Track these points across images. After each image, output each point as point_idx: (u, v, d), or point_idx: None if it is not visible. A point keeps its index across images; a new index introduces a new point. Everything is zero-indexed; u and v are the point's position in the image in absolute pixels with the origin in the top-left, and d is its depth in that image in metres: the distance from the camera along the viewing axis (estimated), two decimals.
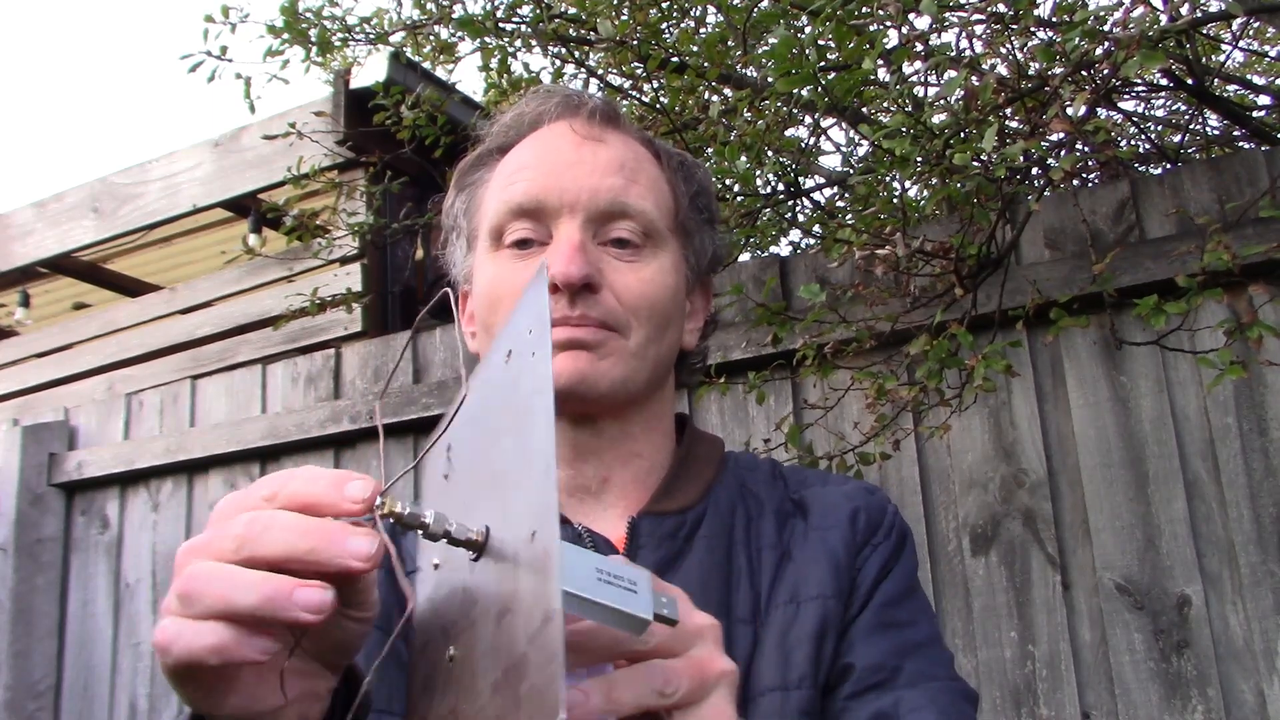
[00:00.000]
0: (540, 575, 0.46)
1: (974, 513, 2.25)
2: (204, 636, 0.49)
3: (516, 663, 0.46)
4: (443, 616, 0.55)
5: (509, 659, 0.47)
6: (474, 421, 0.60)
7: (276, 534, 0.50)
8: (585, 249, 0.86)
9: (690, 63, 2.59)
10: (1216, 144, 3.39)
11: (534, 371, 0.54)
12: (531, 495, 0.49)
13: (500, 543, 0.52)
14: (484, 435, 0.58)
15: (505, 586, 0.49)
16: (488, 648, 0.49)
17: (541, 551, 0.46)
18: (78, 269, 5.63)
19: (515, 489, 0.52)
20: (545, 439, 0.49)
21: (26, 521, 3.46)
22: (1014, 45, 1.73)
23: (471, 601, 0.53)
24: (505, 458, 0.54)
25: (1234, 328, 1.77)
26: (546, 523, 0.47)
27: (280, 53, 3.01)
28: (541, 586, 0.46)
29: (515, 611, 0.48)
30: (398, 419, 2.91)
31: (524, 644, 0.46)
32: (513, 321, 0.60)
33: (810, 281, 2.44)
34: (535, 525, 0.48)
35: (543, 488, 0.48)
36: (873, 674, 0.83)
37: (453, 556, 0.56)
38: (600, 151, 0.90)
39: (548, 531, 0.46)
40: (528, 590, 0.47)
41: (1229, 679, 1.98)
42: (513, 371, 0.57)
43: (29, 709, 3.33)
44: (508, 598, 0.49)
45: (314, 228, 3.35)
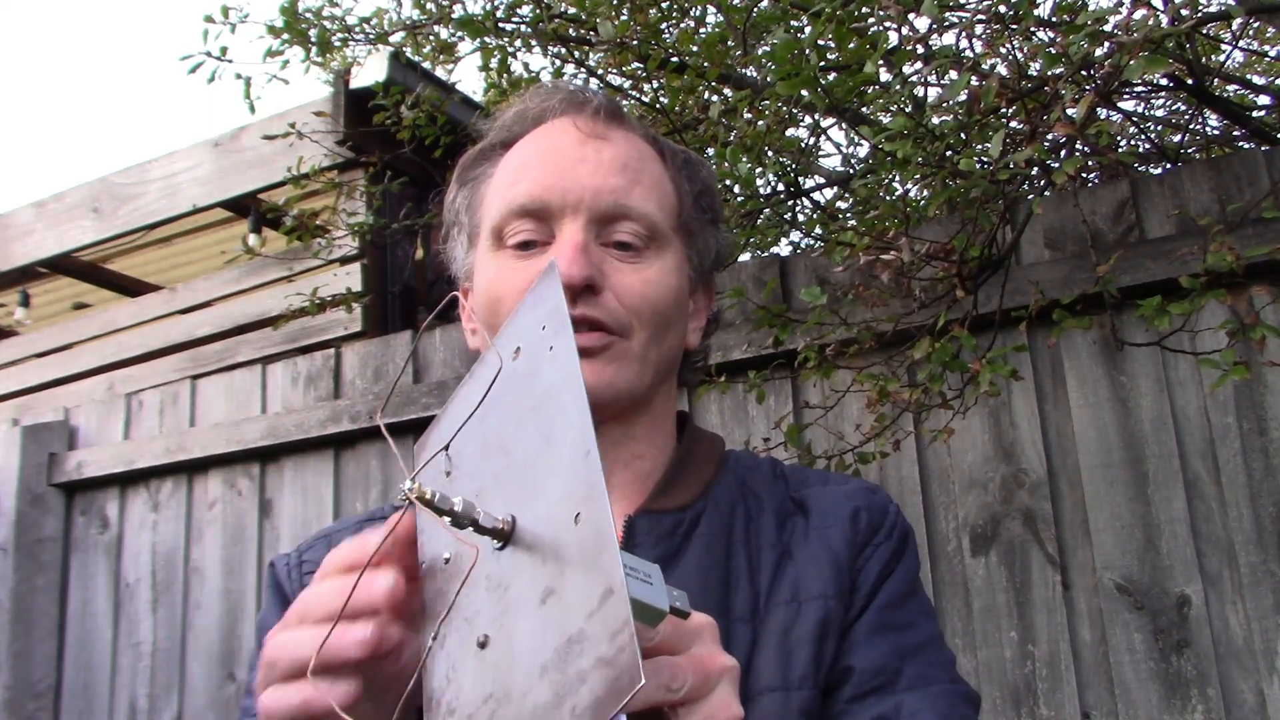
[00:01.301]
0: (594, 554, 0.47)
1: (974, 513, 2.25)
2: (290, 696, 0.57)
3: (574, 638, 0.47)
4: (462, 608, 0.56)
5: (562, 637, 0.48)
6: (475, 421, 0.61)
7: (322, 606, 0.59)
8: (587, 250, 0.86)
9: (690, 63, 2.59)
10: (1216, 144, 3.39)
11: (556, 364, 0.55)
12: (570, 480, 0.51)
13: (530, 530, 0.53)
14: (493, 430, 0.59)
15: (544, 570, 0.50)
16: (531, 630, 0.50)
17: (593, 531, 0.48)
18: (78, 269, 5.63)
19: (545, 477, 0.53)
20: (583, 426, 0.51)
21: (26, 521, 3.46)
22: (1014, 45, 1.73)
23: (500, 588, 0.53)
24: (525, 449, 0.55)
25: (1236, 329, 1.77)
26: (595, 504, 0.48)
27: (280, 53, 3.00)
28: (599, 564, 0.47)
29: (563, 592, 0.49)
30: (398, 419, 2.91)
31: (581, 620, 0.47)
32: (519, 318, 0.61)
33: (810, 282, 2.44)
34: (579, 508, 0.49)
35: (586, 471, 0.50)
36: (873, 677, 0.83)
37: (465, 550, 0.57)
38: (604, 150, 0.90)
39: (598, 511, 0.48)
40: (579, 570, 0.48)
41: (1229, 679, 1.98)
42: (525, 367, 0.58)
43: (29, 709, 3.33)
44: (551, 580, 0.50)
45: (314, 228, 3.35)
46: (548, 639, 0.49)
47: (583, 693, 0.45)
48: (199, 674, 3.15)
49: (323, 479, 3.09)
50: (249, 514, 3.20)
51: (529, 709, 0.48)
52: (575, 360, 0.54)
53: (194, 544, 3.28)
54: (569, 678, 0.47)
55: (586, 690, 0.45)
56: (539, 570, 0.51)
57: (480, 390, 0.62)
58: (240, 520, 3.21)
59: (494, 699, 0.51)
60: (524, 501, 0.54)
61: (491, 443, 0.60)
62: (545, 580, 0.50)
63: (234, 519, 3.23)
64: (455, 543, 0.57)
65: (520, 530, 0.54)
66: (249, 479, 3.23)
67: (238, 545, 3.20)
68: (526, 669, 0.49)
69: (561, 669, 0.47)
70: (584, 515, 0.49)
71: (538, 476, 0.54)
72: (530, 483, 0.54)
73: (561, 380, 0.55)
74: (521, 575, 0.52)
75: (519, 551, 0.53)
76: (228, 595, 3.17)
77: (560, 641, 0.48)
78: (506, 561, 0.54)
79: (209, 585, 3.21)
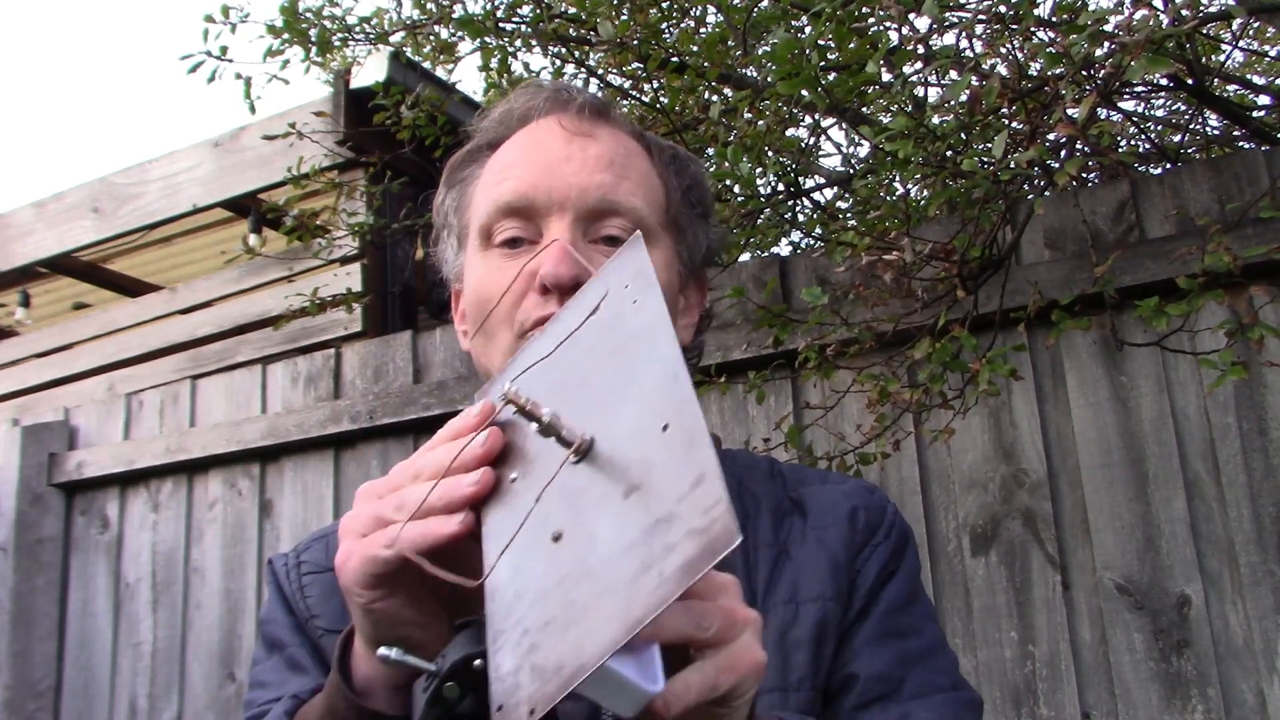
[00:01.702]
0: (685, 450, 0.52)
1: (974, 513, 2.25)
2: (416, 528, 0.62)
3: (662, 519, 0.51)
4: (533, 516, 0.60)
5: (649, 519, 0.52)
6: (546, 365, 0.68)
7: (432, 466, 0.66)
8: (575, 248, 0.85)
9: (690, 63, 2.59)
10: (1216, 144, 3.39)
11: (641, 313, 0.62)
12: (657, 399, 0.57)
13: (609, 446, 0.58)
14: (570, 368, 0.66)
15: (627, 474, 0.56)
16: (613, 521, 0.54)
17: (684, 434, 0.53)
18: (78, 269, 5.63)
19: (627, 402, 0.59)
20: (673, 357, 0.57)
21: (26, 521, 3.46)
22: (1015, 45, 1.73)
23: (577, 493, 0.58)
24: (606, 383, 0.62)
25: (1235, 329, 1.77)
26: (685, 413, 0.54)
27: (280, 53, 3.00)
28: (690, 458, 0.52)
29: (648, 485, 0.54)
30: (398, 419, 2.91)
31: (671, 505, 0.51)
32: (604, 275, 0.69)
33: (811, 282, 2.44)
34: (668, 419, 0.55)
35: (676, 390, 0.56)
36: (878, 685, 0.83)
37: (535, 469, 0.62)
38: (589, 147, 0.90)
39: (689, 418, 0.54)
40: (666, 466, 0.53)
41: (1229, 679, 1.98)
42: (607, 317, 0.66)
43: (29, 709, 3.33)
44: (635, 479, 0.55)
45: (314, 228, 3.35)
46: (631, 524, 0.53)
47: (671, 559, 0.49)
48: (199, 674, 3.15)
49: (323, 479, 3.09)
50: (249, 514, 3.20)
51: (611, 578, 0.52)
52: (663, 309, 0.61)
53: (194, 544, 3.28)
54: (655, 550, 0.51)
55: (676, 555, 0.49)
56: (621, 475, 0.56)
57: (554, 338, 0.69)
58: (240, 520, 3.22)
59: (571, 577, 0.54)
60: (604, 423, 0.59)
61: (569, 381, 0.65)
62: (627, 480, 0.55)
63: (234, 519, 3.23)
64: (524, 462, 0.63)
65: (599, 447, 0.58)
66: (249, 479, 3.23)
67: (238, 545, 3.20)
68: (608, 551, 0.53)
69: (648, 544, 0.51)
70: (673, 424, 0.54)
71: (619, 402, 0.60)
72: (611, 408, 0.60)
73: (648, 322, 0.61)
74: (600, 482, 0.57)
75: (595, 466, 0.58)
76: (228, 595, 3.17)
77: (647, 523, 0.52)
78: (582, 474, 0.58)
79: (209, 585, 3.21)
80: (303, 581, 0.94)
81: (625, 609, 0.50)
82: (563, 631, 0.52)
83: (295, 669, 0.90)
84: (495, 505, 0.63)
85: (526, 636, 0.54)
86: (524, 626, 0.55)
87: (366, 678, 0.70)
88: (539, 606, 0.55)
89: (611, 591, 0.51)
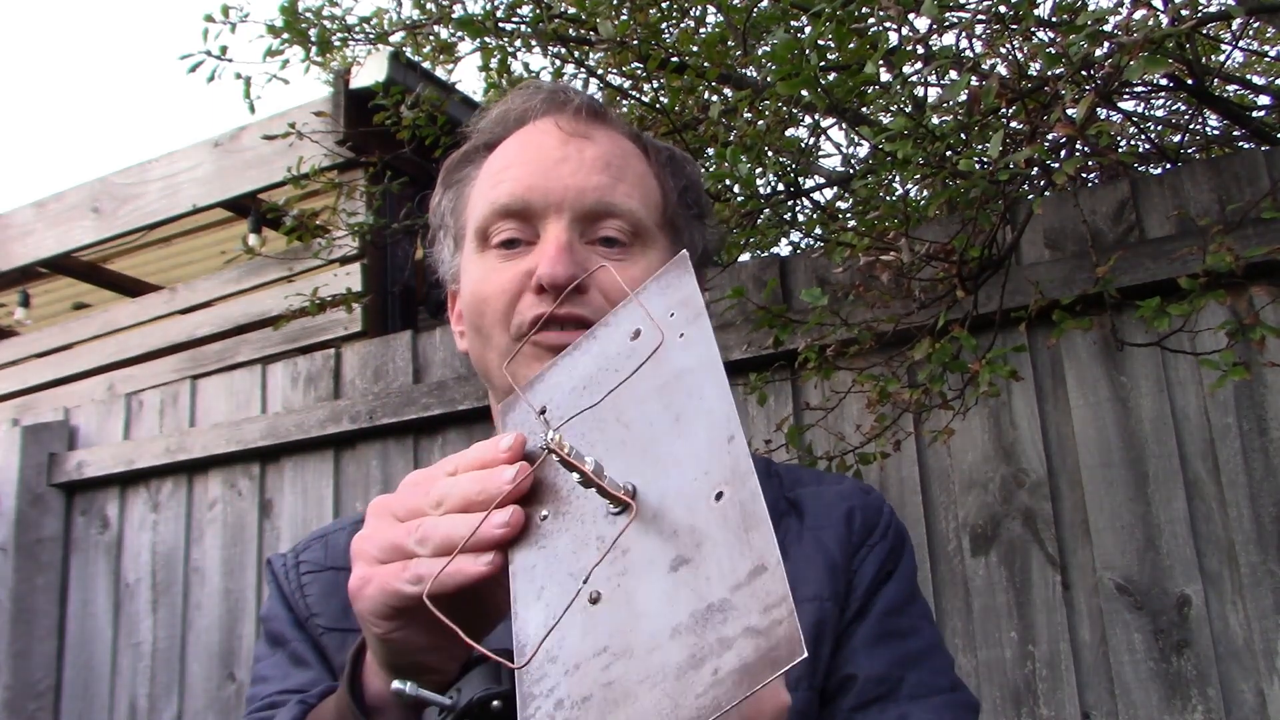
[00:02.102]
0: (740, 531, 0.49)
1: (974, 513, 2.25)
2: (442, 566, 0.59)
3: (715, 607, 0.48)
4: (565, 562, 0.57)
5: (700, 604, 0.49)
6: (582, 392, 0.64)
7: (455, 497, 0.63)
8: (572, 249, 0.86)
9: (690, 63, 2.59)
10: (1216, 144, 3.39)
11: (690, 350, 0.58)
12: (709, 461, 0.53)
13: (653, 501, 0.55)
14: (605, 406, 0.61)
15: (674, 540, 0.52)
16: (658, 594, 0.51)
17: (740, 511, 0.50)
18: (78, 269, 5.63)
19: (675, 455, 0.55)
20: (728, 412, 0.54)
21: (26, 521, 3.46)
22: (1014, 46, 1.73)
23: (617, 551, 0.54)
24: (648, 425, 0.58)
25: (1236, 329, 1.77)
26: (743, 486, 0.51)
27: (280, 53, 3.00)
28: (748, 541, 0.49)
29: (699, 562, 0.50)
30: (398, 419, 2.91)
31: (724, 591, 0.48)
32: (645, 297, 0.64)
33: (810, 282, 2.44)
34: (721, 487, 0.51)
35: (731, 455, 0.52)
36: (876, 686, 0.83)
37: (569, 509, 0.58)
38: (586, 149, 0.90)
39: (747, 494, 0.50)
40: (719, 545, 0.50)
41: (1229, 679, 1.98)
42: (645, 348, 0.60)
43: (29, 709, 3.33)
44: (682, 550, 0.51)
45: (314, 228, 3.35)
46: (679, 604, 0.50)
47: (727, 658, 0.46)
48: (199, 674, 3.15)
49: (323, 479, 3.09)
50: (249, 514, 3.20)
51: (656, 666, 0.49)
52: (714, 348, 0.57)
53: (194, 544, 3.28)
54: (708, 642, 0.47)
55: (732, 655, 0.46)
56: (666, 539, 0.53)
57: (590, 360, 0.65)
58: (240, 520, 3.22)
59: (609, 652, 0.51)
60: (647, 474, 0.56)
61: (604, 414, 0.61)
62: (676, 549, 0.52)
63: (234, 519, 3.23)
64: (555, 500, 0.60)
65: (642, 498, 0.55)
66: (249, 479, 3.23)
67: (238, 545, 3.20)
68: (652, 629, 0.50)
69: (699, 633, 0.48)
70: (728, 495, 0.51)
71: (665, 453, 0.56)
72: (655, 458, 0.56)
73: (697, 365, 0.57)
74: (643, 544, 0.54)
75: (639, 522, 0.55)
76: (228, 595, 3.17)
77: (698, 607, 0.49)
78: (619, 528, 0.55)
79: (209, 585, 3.21)
80: (302, 581, 0.95)
81: (673, 708, 0.47)
82: (601, 714, 0.49)
83: (298, 664, 0.91)
84: (523, 545, 0.60)
85: (561, 710, 0.51)
86: (558, 697, 0.52)
87: (378, 696, 0.69)
88: (575, 678, 0.52)
89: (655, 682, 0.48)
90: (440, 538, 0.60)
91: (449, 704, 0.59)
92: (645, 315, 0.63)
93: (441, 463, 0.66)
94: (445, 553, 0.60)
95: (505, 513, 0.59)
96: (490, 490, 0.60)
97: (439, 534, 0.60)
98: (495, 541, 0.59)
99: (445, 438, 2.90)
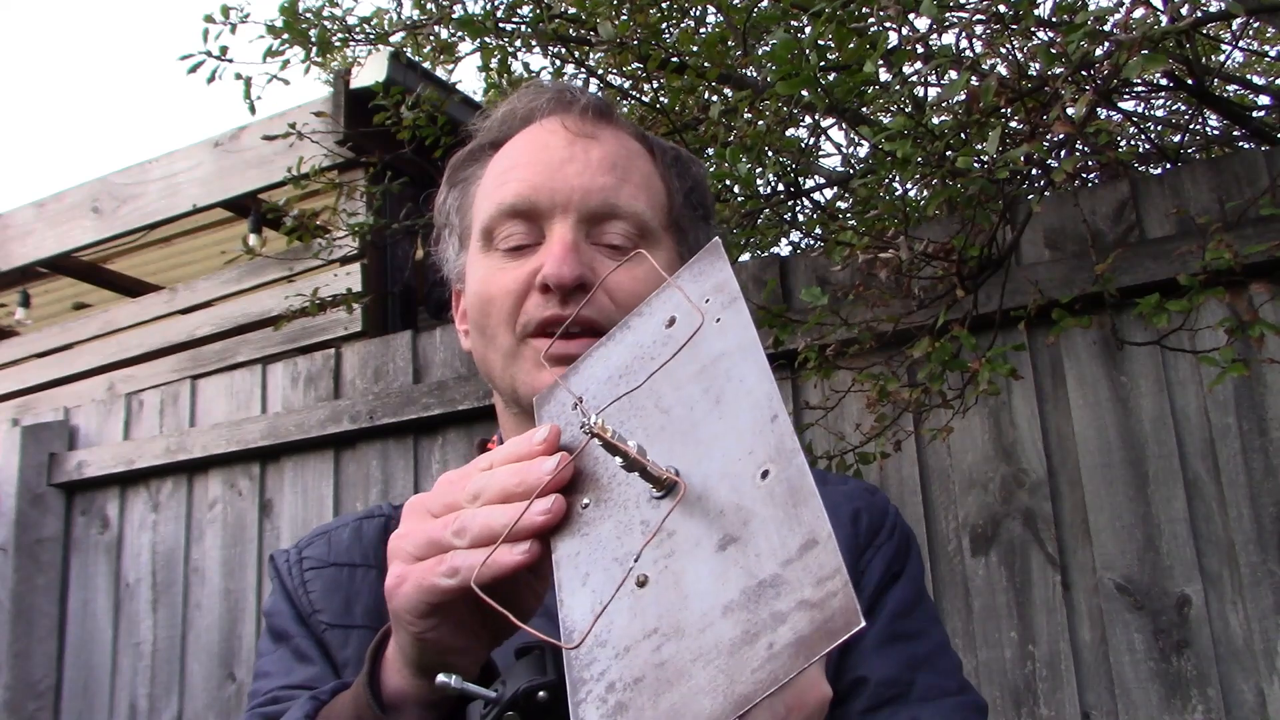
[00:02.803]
0: (789, 507, 0.49)
1: (974, 513, 2.25)
2: (481, 557, 0.58)
3: (766, 583, 0.48)
4: (609, 548, 0.57)
5: (750, 580, 0.49)
6: (619, 381, 0.64)
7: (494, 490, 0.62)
8: (578, 249, 0.86)
9: (690, 63, 2.59)
10: (1216, 144, 3.39)
11: (727, 335, 0.58)
12: (753, 441, 0.53)
13: (697, 484, 0.54)
14: (644, 393, 0.61)
15: (719, 521, 0.52)
16: (707, 574, 0.51)
17: (787, 487, 0.50)
18: (78, 269, 5.63)
19: (716, 437, 0.55)
20: (769, 392, 0.54)
21: (26, 521, 3.46)
22: (1014, 45, 1.73)
23: (662, 534, 0.54)
24: (688, 410, 0.58)
25: (1235, 326, 1.77)
26: (789, 463, 0.50)
27: (280, 53, 3.00)
28: (797, 516, 0.48)
29: (747, 540, 0.50)
30: (397, 419, 2.91)
31: (775, 567, 0.48)
32: (681, 284, 0.64)
33: (810, 282, 2.44)
34: (767, 466, 0.51)
35: (775, 434, 0.52)
36: (887, 689, 0.83)
37: (610, 496, 0.58)
38: (592, 149, 0.89)
39: (794, 470, 0.50)
40: (767, 521, 0.50)
41: (1229, 679, 1.98)
42: (681, 336, 0.60)
43: (29, 709, 3.34)
44: (730, 529, 0.51)
45: (314, 228, 3.35)
46: (729, 582, 0.49)
47: (782, 631, 0.46)
48: (199, 674, 3.15)
49: (323, 479, 3.09)
50: (249, 514, 3.20)
51: (709, 643, 0.48)
52: (752, 331, 0.57)
53: (194, 544, 3.28)
54: (761, 617, 0.47)
55: (787, 629, 0.46)
56: (712, 520, 0.52)
57: (625, 350, 0.65)
58: (240, 520, 3.22)
59: (660, 634, 0.51)
60: (689, 457, 0.56)
61: (642, 401, 0.61)
62: (723, 529, 0.51)
63: (234, 519, 3.23)
64: (596, 488, 0.59)
65: (685, 481, 0.55)
66: (249, 479, 3.23)
67: (238, 545, 3.20)
68: (703, 608, 0.50)
69: (751, 609, 0.48)
70: (774, 472, 0.51)
71: (707, 435, 0.56)
72: (697, 441, 0.56)
73: (736, 348, 0.57)
74: (688, 524, 0.53)
75: (683, 505, 0.55)
76: (228, 595, 3.17)
77: (749, 585, 0.48)
78: (665, 509, 0.55)
79: (209, 585, 3.21)
80: (305, 577, 0.95)
81: (728, 683, 0.46)
82: (655, 695, 0.49)
83: (302, 659, 0.90)
84: (565, 534, 0.59)
85: (613, 693, 0.51)
86: (609, 680, 0.51)
87: (399, 693, 0.69)
88: (625, 660, 0.51)
89: (709, 659, 0.48)
90: (479, 528, 0.59)
91: (495, 696, 0.58)
92: (680, 302, 0.63)
93: (475, 460, 0.65)
94: (485, 543, 0.59)
95: (547, 500, 0.58)
96: (530, 481, 0.60)
97: (477, 524, 0.60)
98: (537, 529, 0.58)
99: (445, 438, 2.90)
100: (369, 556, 0.95)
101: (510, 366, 0.89)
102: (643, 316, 0.66)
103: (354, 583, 0.93)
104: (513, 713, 0.57)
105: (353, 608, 0.92)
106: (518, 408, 0.91)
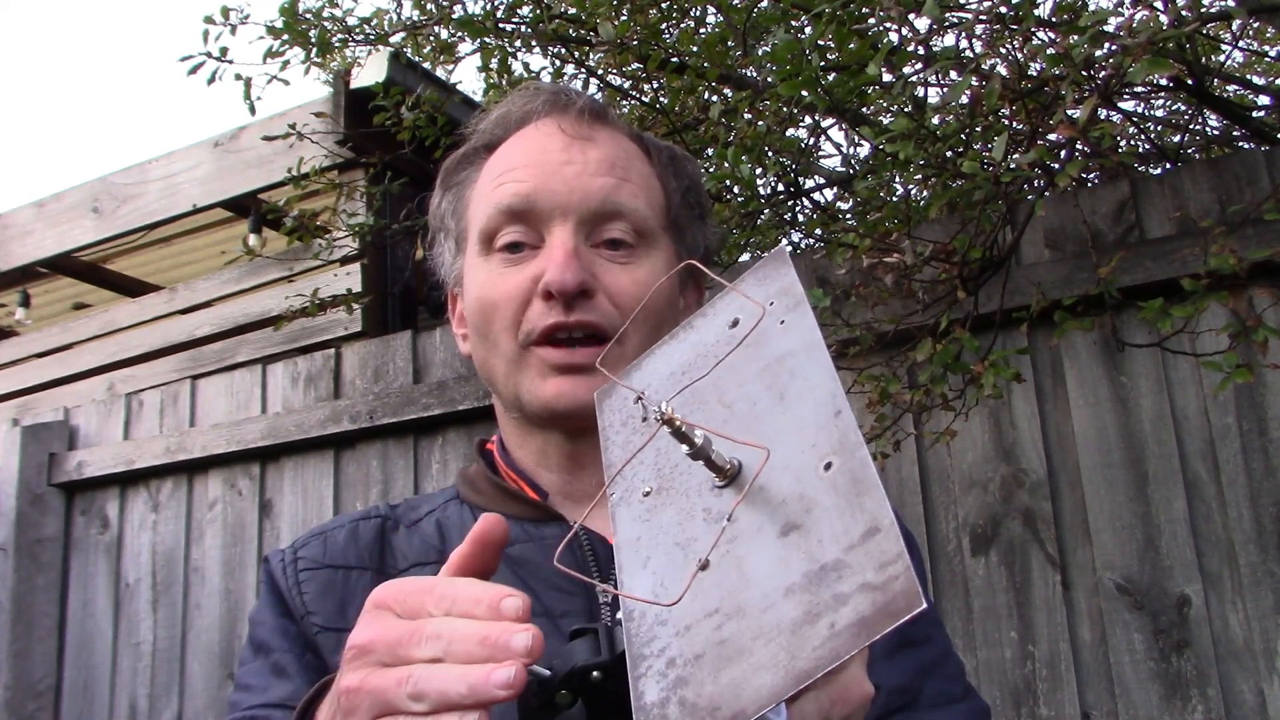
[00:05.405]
0: (852, 496, 0.50)
1: (974, 513, 2.25)
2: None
3: (828, 566, 0.49)
4: (670, 533, 0.58)
5: (813, 564, 0.50)
6: (680, 378, 0.65)
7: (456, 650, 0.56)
8: (579, 254, 0.85)
9: (690, 63, 2.59)
10: (1216, 144, 3.39)
11: (791, 335, 0.60)
12: (817, 434, 0.54)
13: (762, 474, 0.55)
14: (706, 384, 0.62)
15: (782, 509, 0.53)
16: (770, 558, 0.52)
17: (850, 478, 0.51)
18: (78, 269, 5.62)
19: (780, 430, 0.56)
20: (833, 389, 0.55)
21: (26, 521, 3.46)
22: (1015, 46, 1.73)
23: (722, 520, 0.55)
24: (751, 405, 0.59)
25: (1238, 331, 1.77)
26: (853, 455, 0.51)
27: (280, 53, 3.00)
28: (860, 505, 0.49)
29: (810, 528, 0.51)
30: (397, 419, 2.91)
31: (838, 552, 0.49)
32: (744, 288, 0.65)
33: (811, 283, 2.45)
34: (831, 458, 0.52)
35: (839, 428, 0.53)
36: (897, 696, 0.83)
37: (672, 485, 0.59)
38: (590, 150, 0.89)
39: (857, 462, 0.51)
40: (830, 510, 0.51)
41: (1229, 679, 1.98)
42: (746, 332, 0.63)
43: (29, 709, 3.33)
44: (792, 518, 0.52)
45: (314, 228, 3.35)
46: (791, 566, 0.50)
47: (843, 612, 0.47)
48: (199, 674, 3.15)
49: (323, 479, 3.09)
50: (249, 514, 3.20)
51: (770, 623, 0.49)
52: (817, 333, 0.59)
53: (194, 544, 3.28)
54: (823, 599, 0.48)
55: (849, 610, 0.47)
56: (775, 508, 0.53)
57: (688, 348, 0.66)
58: (240, 520, 3.22)
59: (721, 614, 0.51)
60: (751, 450, 0.57)
61: (705, 395, 0.62)
62: (785, 517, 0.53)
63: (234, 519, 3.23)
64: (655, 477, 0.60)
65: (746, 473, 0.56)
66: (249, 479, 3.23)
67: (238, 545, 3.20)
68: (765, 590, 0.51)
69: (813, 591, 0.49)
70: (837, 464, 0.52)
71: (770, 429, 0.57)
72: (760, 434, 0.57)
73: (800, 348, 0.59)
74: (750, 512, 0.54)
75: (741, 492, 0.56)
76: (228, 595, 3.17)
77: (811, 569, 0.49)
78: (728, 499, 0.56)
79: (209, 585, 3.21)
80: (300, 577, 0.93)
81: (789, 659, 0.47)
82: (715, 670, 0.49)
83: (279, 675, 0.87)
84: (627, 520, 0.60)
85: (673, 669, 0.51)
86: (669, 656, 0.52)
87: None
88: (686, 638, 0.52)
89: (770, 638, 0.48)
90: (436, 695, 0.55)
91: (548, 675, 0.58)
92: (744, 304, 0.64)
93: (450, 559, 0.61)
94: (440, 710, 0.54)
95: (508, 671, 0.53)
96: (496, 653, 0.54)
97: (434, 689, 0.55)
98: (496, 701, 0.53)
99: (445, 438, 2.90)
100: (365, 559, 0.93)
101: (514, 374, 0.88)
102: (706, 317, 0.68)
103: (348, 585, 0.91)
104: (565, 690, 0.57)
105: (347, 611, 0.90)
106: (519, 413, 0.91)
